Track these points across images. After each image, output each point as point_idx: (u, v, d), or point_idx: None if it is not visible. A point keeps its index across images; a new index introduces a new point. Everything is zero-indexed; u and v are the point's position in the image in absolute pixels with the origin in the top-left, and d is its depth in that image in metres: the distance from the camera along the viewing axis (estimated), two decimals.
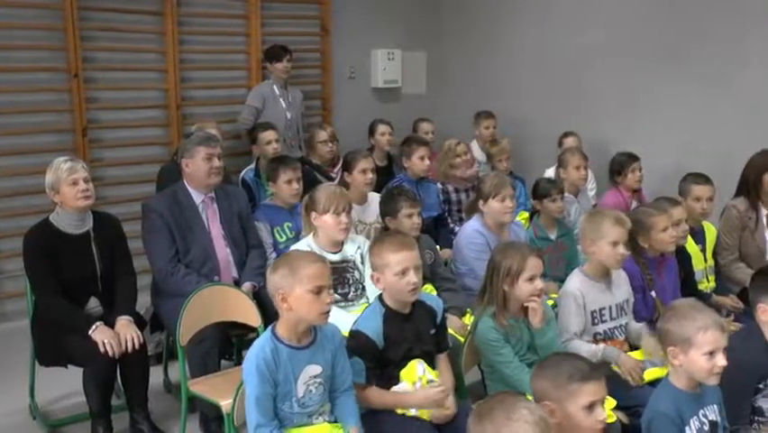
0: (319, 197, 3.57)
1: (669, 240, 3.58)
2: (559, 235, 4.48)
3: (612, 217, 3.30)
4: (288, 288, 2.48)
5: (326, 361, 2.64)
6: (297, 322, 2.55)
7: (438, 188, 5.28)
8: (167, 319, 3.77)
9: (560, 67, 6.40)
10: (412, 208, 3.85)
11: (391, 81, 7.16)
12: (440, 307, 2.99)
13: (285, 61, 5.99)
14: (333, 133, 5.74)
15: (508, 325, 3.00)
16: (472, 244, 3.95)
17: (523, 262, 2.98)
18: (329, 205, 3.52)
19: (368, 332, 2.79)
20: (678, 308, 2.53)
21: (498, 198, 3.95)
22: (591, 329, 3.28)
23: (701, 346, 2.39)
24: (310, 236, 3.62)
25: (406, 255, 2.80)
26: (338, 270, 3.55)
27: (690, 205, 4.15)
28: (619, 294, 3.37)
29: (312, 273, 2.50)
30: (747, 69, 5.18)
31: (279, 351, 2.53)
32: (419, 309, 2.92)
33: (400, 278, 2.78)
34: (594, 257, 3.31)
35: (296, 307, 2.49)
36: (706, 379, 2.43)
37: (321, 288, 2.51)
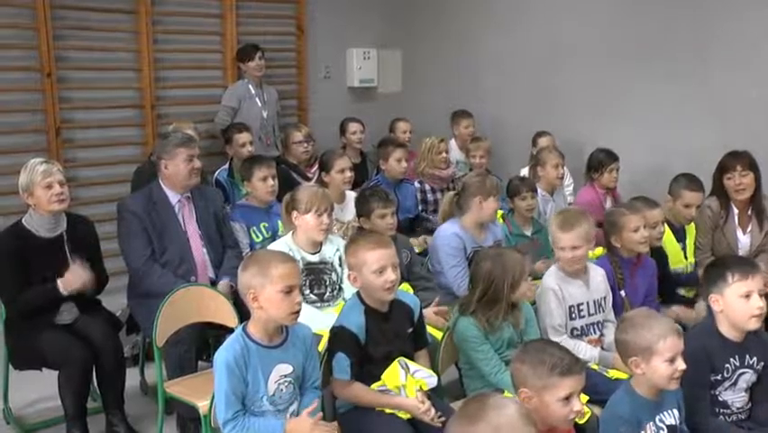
0: (301, 196, 3.57)
1: (639, 240, 3.61)
2: (534, 232, 4.53)
3: (558, 221, 3.37)
4: (259, 287, 2.49)
5: (297, 361, 2.65)
6: (267, 321, 2.56)
7: (416, 188, 5.30)
8: (143, 321, 3.75)
9: (534, 67, 6.43)
10: (385, 209, 3.86)
11: (367, 80, 7.15)
12: (417, 305, 3.01)
13: (257, 59, 5.96)
14: (308, 133, 5.73)
15: (491, 323, 3.02)
16: (448, 247, 3.95)
17: (523, 267, 3.04)
18: (311, 205, 3.51)
19: (351, 327, 2.79)
20: (633, 319, 2.58)
21: (496, 197, 3.99)
22: (569, 324, 3.31)
23: (662, 354, 2.45)
24: (289, 235, 3.61)
25: (382, 253, 2.81)
26: (315, 270, 3.55)
27: (677, 208, 4.17)
28: (597, 290, 3.39)
29: (282, 273, 2.50)
30: (717, 69, 5.24)
31: (249, 349, 2.54)
32: (397, 308, 2.93)
33: (378, 276, 2.79)
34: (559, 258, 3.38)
35: (266, 306, 2.50)
36: (667, 385, 2.48)
37: (291, 288, 2.52)
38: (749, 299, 2.74)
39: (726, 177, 4.28)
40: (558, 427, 2.26)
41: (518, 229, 4.48)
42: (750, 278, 2.75)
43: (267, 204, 4.36)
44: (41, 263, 3.46)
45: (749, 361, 2.84)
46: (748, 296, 2.73)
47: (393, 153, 5.11)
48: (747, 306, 2.74)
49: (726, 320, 2.80)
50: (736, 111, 5.14)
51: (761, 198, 4.33)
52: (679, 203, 4.19)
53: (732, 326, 2.80)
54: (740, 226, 4.33)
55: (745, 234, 4.34)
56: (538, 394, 2.18)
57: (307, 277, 3.49)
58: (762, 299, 2.75)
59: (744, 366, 2.83)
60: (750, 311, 2.74)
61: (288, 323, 2.59)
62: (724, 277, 2.77)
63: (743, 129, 4.96)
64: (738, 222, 4.33)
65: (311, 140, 5.71)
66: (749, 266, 2.81)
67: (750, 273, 2.76)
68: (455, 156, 6.07)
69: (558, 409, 2.19)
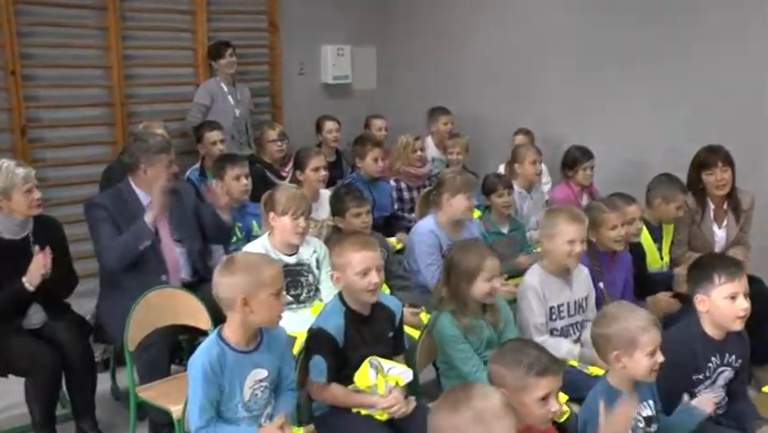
0: (279, 197, 3.55)
1: (616, 238, 3.63)
2: (511, 230, 4.53)
3: (568, 214, 3.33)
4: (253, 291, 2.46)
5: (273, 364, 2.63)
6: (248, 325, 2.53)
7: (392, 186, 5.29)
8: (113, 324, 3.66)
9: (512, 64, 6.43)
10: (360, 207, 3.86)
11: (341, 77, 7.12)
12: (399, 309, 3.00)
13: (227, 56, 5.92)
14: (282, 132, 5.69)
15: (468, 324, 3.02)
16: (424, 245, 3.96)
17: (482, 262, 3.01)
18: (288, 207, 3.50)
19: (329, 330, 2.78)
20: (614, 312, 2.58)
21: (467, 195, 3.98)
22: (549, 324, 3.31)
23: (645, 347, 2.46)
24: (265, 236, 3.59)
25: (367, 255, 2.81)
26: (293, 272, 3.53)
27: (668, 209, 4.16)
28: (579, 290, 3.39)
29: (273, 276, 2.51)
30: (694, 62, 5.28)
31: (226, 354, 2.52)
32: (378, 311, 2.92)
33: (361, 278, 2.78)
34: (551, 254, 3.34)
35: (258, 310, 2.48)
36: (647, 377, 2.49)
37: (280, 290, 2.53)
38: (735, 301, 2.76)
39: (705, 173, 4.30)
40: (536, 426, 2.26)
41: (495, 227, 4.48)
42: (737, 280, 2.76)
43: (240, 203, 4.32)
44: (5, 266, 3.38)
45: (728, 359, 2.86)
46: (734, 297, 2.75)
47: (370, 152, 5.11)
48: (733, 307, 2.76)
49: (711, 320, 2.82)
50: (711, 106, 5.18)
51: (736, 192, 4.36)
52: (673, 206, 4.16)
53: (716, 325, 2.82)
54: (716, 221, 4.37)
55: (720, 229, 4.38)
56: (516, 394, 2.17)
57: (284, 279, 3.42)
58: (746, 300, 2.77)
59: (723, 364, 2.86)
60: (736, 313, 2.76)
61: (274, 326, 2.59)
62: (710, 278, 2.79)
63: (717, 124, 5.00)
64: (714, 217, 4.37)
65: (285, 138, 5.67)
66: (735, 267, 2.82)
67: (737, 275, 2.78)
68: (432, 153, 6.07)
69: (536, 410, 2.20)
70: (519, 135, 5.83)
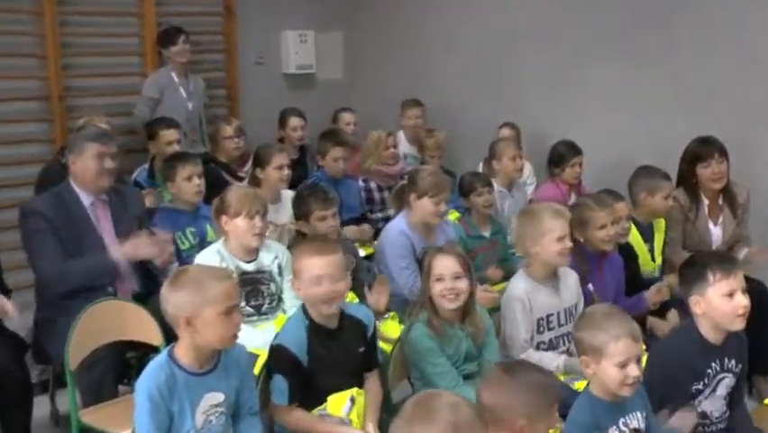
0: (230, 198, 3.55)
1: (604, 238, 3.69)
2: (493, 233, 4.58)
3: (550, 211, 3.37)
4: (195, 310, 2.45)
5: (230, 387, 2.62)
6: (201, 346, 2.52)
7: (360, 186, 5.31)
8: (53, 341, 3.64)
9: (494, 53, 6.47)
10: (325, 210, 3.88)
11: (304, 66, 7.13)
12: (370, 321, 3.02)
13: (180, 44, 5.90)
14: (239, 127, 5.68)
15: (443, 332, 3.05)
16: (395, 248, 4.00)
17: (431, 261, 3.07)
18: (241, 207, 3.50)
19: (291, 347, 2.79)
20: (591, 316, 2.63)
21: (434, 198, 4.00)
22: (536, 338, 3.32)
23: (612, 357, 2.48)
24: (220, 243, 3.59)
25: (320, 261, 2.81)
26: (252, 281, 3.54)
27: (656, 202, 4.23)
28: (568, 297, 3.42)
29: (223, 292, 2.48)
30: (682, 54, 5.38)
31: (176, 377, 2.50)
32: (347, 324, 2.93)
33: (315, 286, 2.80)
34: (538, 257, 3.35)
35: (203, 331, 2.46)
36: (618, 390, 2.50)
37: (232, 308, 2.50)
38: (733, 298, 2.78)
39: (701, 166, 4.39)
40: None
41: (476, 230, 4.53)
42: (732, 275, 2.80)
43: (193, 206, 4.32)
44: None
45: (728, 364, 2.91)
46: (731, 295, 2.78)
47: (331, 152, 5.13)
48: (731, 305, 2.79)
49: (709, 322, 2.86)
50: (703, 98, 5.28)
51: (731, 186, 4.46)
52: (659, 197, 4.23)
53: (714, 327, 2.85)
54: (710, 218, 4.46)
55: (716, 226, 4.47)
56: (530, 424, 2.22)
57: (243, 288, 3.46)
58: (745, 297, 2.81)
59: (724, 370, 2.90)
60: (735, 310, 2.79)
61: (227, 347, 2.57)
62: (704, 276, 2.82)
63: (709, 116, 5.09)
64: (709, 213, 4.46)
65: (242, 134, 5.66)
66: (729, 263, 2.87)
67: (732, 270, 2.82)
68: (404, 149, 6.10)
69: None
70: (504, 129, 5.88)
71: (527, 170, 5.84)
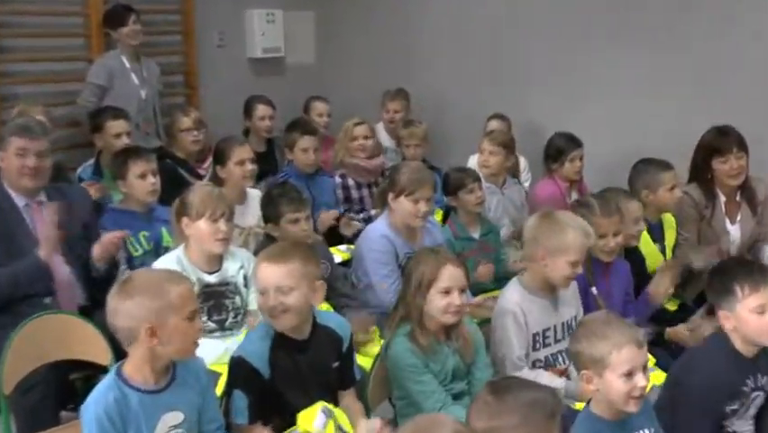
0: (192, 199, 3.55)
1: (603, 249, 3.71)
2: (483, 234, 4.59)
3: (579, 231, 3.31)
4: (159, 318, 2.45)
5: (190, 405, 2.62)
6: (157, 359, 2.53)
7: (336, 183, 5.32)
8: None
9: (484, 37, 6.50)
10: (297, 212, 3.88)
11: (272, 49, 7.14)
12: (347, 333, 3.04)
13: (131, 24, 5.87)
14: (199, 119, 5.66)
15: (429, 346, 3.05)
16: (376, 252, 4.00)
17: (435, 271, 3.05)
18: (204, 209, 3.50)
19: (251, 359, 2.79)
20: (589, 325, 2.65)
21: (411, 197, 4.00)
22: (531, 355, 3.33)
23: (616, 367, 2.51)
24: (180, 249, 3.59)
25: (268, 271, 2.84)
26: (215, 294, 3.55)
27: (660, 196, 4.28)
28: (567, 310, 3.43)
29: (184, 296, 2.50)
30: (696, 37, 5.42)
31: (128, 398, 2.49)
32: (320, 336, 2.94)
33: (261, 296, 2.85)
34: (540, 270, 3.34)
35: (168, 340, 2.47)
36: (625, 405, 2.54)
37: (194, 313, 2.53)
38: (764, 314, 2.84)
39: (718, 160, 4.43)
40: None
41: (464, 231, 4.54)
42: (762, 288, 2.85)
43: (147, 207, 4.31)
44: None
45: (760, 381, 2.95)
46: (763, 311, 2.84)
47: (299, 142, 5.14)
48: (762, 321, 2.84)
49: (740, 337, 2.91)
50: (719, 84, 5.34)
51: (750, 181, 4.51)
52: (662, 190, 4.28)
53: (747, 341, 2.90)
54: (728, 216, 4.52)
55: (734, 225, 4.52)
56: None
57: (205, 302, 3.48)
58: None
59: (757, 388, 2.94)
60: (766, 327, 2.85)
61: (188, 356, 2.59)
62: (732, 291, 2.87)
63: (726, 104, 5.14)
64: (726, 211, 4.51)
65: (202, 126, 5.65)
66: (759, 274, 2.90)
67: (762, 283, 2.86)
68: (385, 143, 6.12)
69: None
70: (493, 121, 5.91)
71: (522, 165, 5.87)
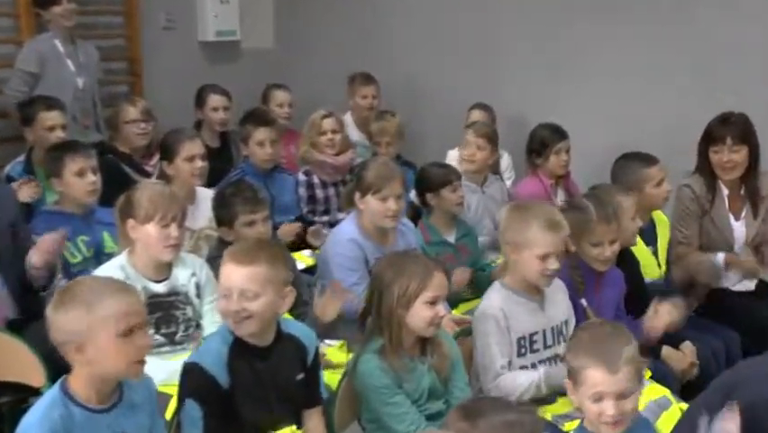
0: (140, 198, 3.53)
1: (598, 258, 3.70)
2: (459, 237, 4.59)
3: (542, 220, 3.31)
4: (86, 334, 2.43)
5: (139, 427, 2.60)
6: (99, 377, 2.51)
7: (300, 181, 5.32)
8: None
9: (464, 19, 6.52)
10: (253, 213, 3.88)
11: (226, 32, 7.15)
12: (312, 342, 3.03)
13: (64, 3, 5.82)
14: (147, 109, 5.65)
15: (402, 364, 3.04)
16: (343, 258, 4.01)
17: (424, 279, 3.03)
18: (153, 211, 3.48)
19: (207, 365, 2.78)
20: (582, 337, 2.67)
21: (378, 195, 4.00)
22: (516, 362, 3.33)
23: (587, 390, 2.54)
24: (124, 256, 3.57)
25: (231, 273, 2.84)
26: (164, 305, 3.54)
27: (649, 195, 4.31)
28: (556, 313, 3.45)
29: (120, 309, 2.47)
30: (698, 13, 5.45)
31: (73, 416, 2.46)
32: (284, 344, 2.93)
33: (223, 300, 2.85)
34: (517, 267, 3.37)
35: (97, 359, 2.45)
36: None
37: (134, 327, 2.49)
38: None
39: (711, 150, 4.48)
40: None
41: (437, 234, 4.53)
42: None
43: (86, 209, 4.29)
44: None
45: None
46: None
47: (254, 134, 5.14)
48: None
49: None
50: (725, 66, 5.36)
51: (755, 176, 4.53)
52: (649, 187, 4.31)
53: None
54: (732, 212, 4.54)
55: (738, 221, 4.54)
56: None
57: (152, 314, 3.45)
58: None
59: None
60: None
61: (132, 377, 2.57)
62: None
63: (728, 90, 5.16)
64: (729, 206, 4.54)
65: (149, 118, 5.63)
66: None
67: None
68: (353, 136, 6.11)
69: None
70: (475, 111, 5.92)
71: (505, 161, 5.89)
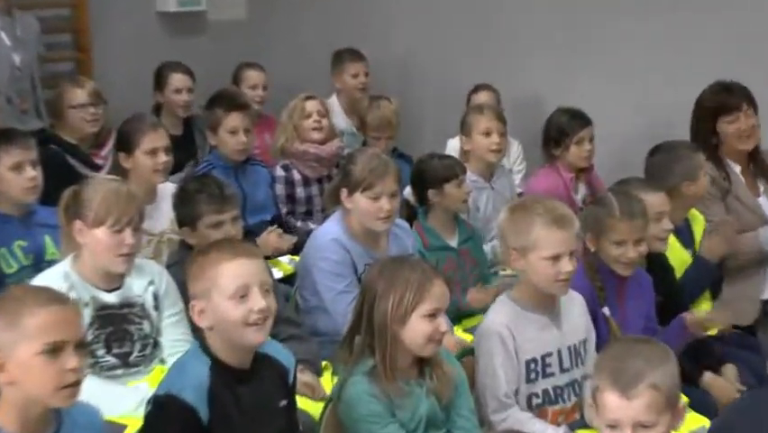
0: (90, 197, 3.51)
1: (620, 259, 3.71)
2: (462, 241, 4.58)
3: (547, 217, 3.31)
4: (6, 350, 2.44)
5: None
6: (24, 403, 2.49)
7: (278, 177, 5.33)
8: None
9: None
10: (220, 213, 3.87)
11: (190, 2, 7.17)
12: (291, 364, 3.04)
13: None
14: (97, 91, 5.65)
15: (397, 388, 3.03)
16: (328, 263, 4.01)
17: (422, 290, 3.02)
18: (106, 213, 3.46)
19: (186, 395, 2.75)
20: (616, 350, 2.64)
21: (369, 192, 4.00)
22: (525, 389, 3.33)
23: None
24: (68, 262, 3.56)
25: (244, 266, 2.82)
26: (116, 318, 3.53)
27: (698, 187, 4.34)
28: (573, 331, 3.44)
29: (45, 321, 2.45)
30: None
31: None
32: (264, 367, 2.93)
33: (237, 303, 2.78)
34: (525, 276, 3.37)
35: (20, 379, 2.45)
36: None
37: (59, 345, 2.46)
38: None
39: (724, 120, 4.63)
40: None
41: (438, 238, 4.52)
42: None
43: (24, 209, 4.29)
44: None
45: None
46: None
47: (224, 121, 5.14)
48: None
49: None
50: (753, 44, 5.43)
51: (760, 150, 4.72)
52: (700, 182, 4.34)
53: None
54: (750, 189, 4.67)
55: (760, 197, 4.69)
56: None
57: (102, 329, 3.48)
58: None
59: None
60: None
61: (58, 404, 2.53)
62: None
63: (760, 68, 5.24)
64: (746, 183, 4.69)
65: (100, 102, 5.63)
66: None
67: None
68: (340, 123, 6.11)
69: None
70: (480, 94, 5.93)
71: (515, 151, 5.89)
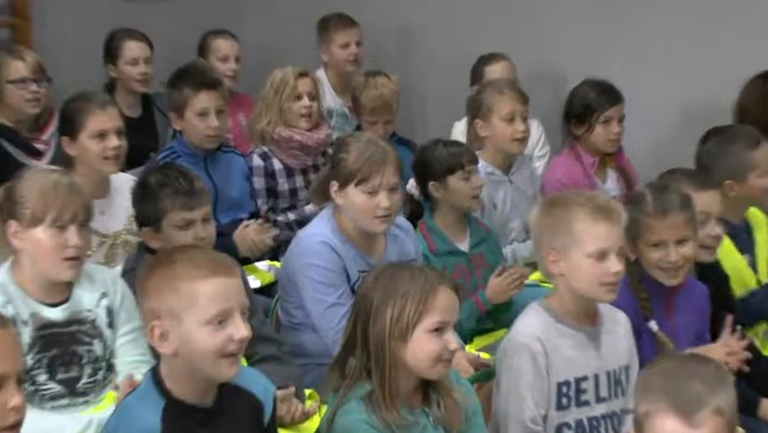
0: (25, 192, 3.55)
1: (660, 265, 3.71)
2: (474, 245, 4.61)
3: (590, 206, 3.36)
4: None
5: None
6: None
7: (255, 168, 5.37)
8: None
9: None
10: (188, 210, 3.89)
11: None
12: (269, 396, 3.06)
13: None
14: (38, 65, 5.67)
15: (397, 417, 3.04)
16: (315, 269, 4.04)
17: (427, 300, 3.03)
18: (44, 209, 3.49)
19: None
20: None
21: (364, 186, 4.02)
22: (555, 417, 3.37)
23: None
24: (4, 270, 3.59)
25: (227, 289, 2.82)
26: (62, 338, 3.55)
27: (750, 187, 4.37)
28: (613, 355, 3.46)
29: None
30: None
31: None
32: (231, 402, 2.94)
33: (215, 330, 2.77)
34: (565, 284, 3.39)
35: None
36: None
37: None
38: None
39: None
40: None
41: (445, 241, 4.56)
42: None
43: None
44: None
45: None
46: None
47: (192, 101, 5.15)
48: None
49: None
50: None
51: None
52: (754, 177, 4.36)
53: None
54: None
55: None
56: None
57: (44, 351, 3.51)
58: None
59: None
60: None
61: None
62: None
63: None
64: None
65: (42, 77, 5.65)
66: None
67: None
68: (329, 103, 6.16)
69: None
70: (494, 65, 5.94)
71: (535, 131, 5.84)
